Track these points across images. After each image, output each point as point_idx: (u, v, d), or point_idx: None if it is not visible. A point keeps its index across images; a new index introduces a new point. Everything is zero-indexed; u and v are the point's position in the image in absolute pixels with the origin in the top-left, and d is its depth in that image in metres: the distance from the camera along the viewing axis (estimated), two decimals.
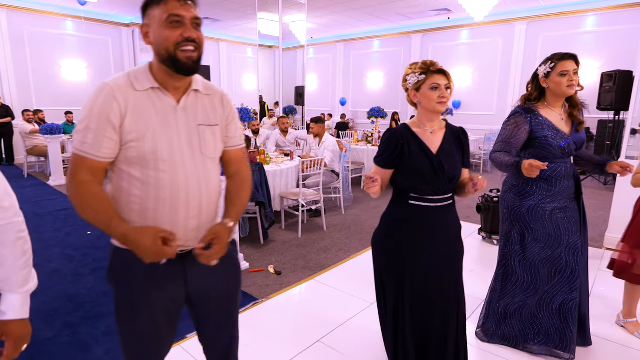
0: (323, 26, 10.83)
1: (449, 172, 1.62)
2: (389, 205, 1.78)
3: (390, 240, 1.73)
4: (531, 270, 2.13)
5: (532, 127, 1.99)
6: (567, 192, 2.05)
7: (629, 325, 2.45)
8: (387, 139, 1.68)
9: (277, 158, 5.03)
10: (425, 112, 1.65)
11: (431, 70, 1.59)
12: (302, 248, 3.89)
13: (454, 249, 1.73)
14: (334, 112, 12.62)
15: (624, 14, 7.61)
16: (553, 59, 1.97)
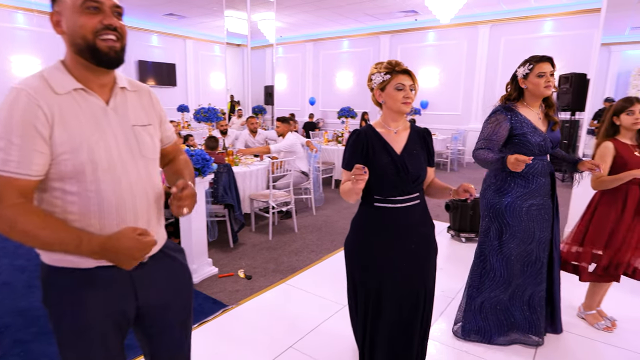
0: (292, 25, 10.76)
1: (413, 173, 1.61)
2: (358, 209, 1.77)
3: (360, 243, 1.71)
4: (507, 265, 2.19)
5: (512, 125, 2.06)
6: (543, 189, 2.14)
7: (589, 317, 2.55)
8: (353, 142, 1.65)
9: (247, 159, 4.93)
10: (389, 112, 1.64)
11: (396, 70, 1.58)
12: (273, 251, 3.82)
13: (424, 248, 1.72)
14: (303, 111, 12.57)
15: (578, 20, 8.00)
16: (531, 61, 2.05)
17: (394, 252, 1.66)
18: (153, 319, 1.22)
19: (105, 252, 0.99)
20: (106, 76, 1.07)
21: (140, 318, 1.19)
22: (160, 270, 1.20)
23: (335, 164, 6.45)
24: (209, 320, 2.58)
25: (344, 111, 7.13)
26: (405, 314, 1.69)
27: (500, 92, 6.99)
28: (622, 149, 2.26)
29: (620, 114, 2.27)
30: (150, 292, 1.17)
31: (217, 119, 4.98)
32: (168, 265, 1.23)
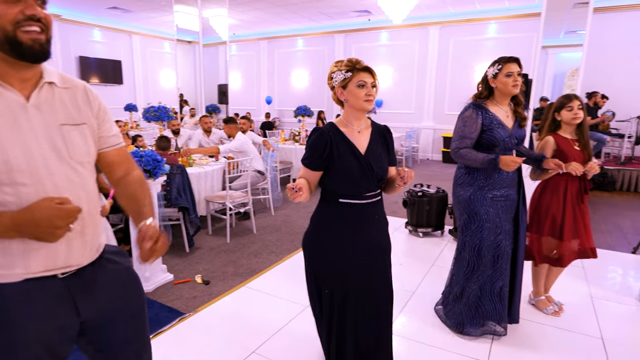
0: (246, 22, 10.55)
1: (377, 173, 1.61)
2: (317, 205, 1.74)
3: (321, 240, 1.69)
4: (478, 256, 2.27)
5: (483, 121, 2.16)
6: (507, 181, 2.23)
7: (538, 303, 2.70)
8: (315, 140, 1.62)
9: (201, 160, 4.75)
10: (352, 110, 1.62)
11: (357, 68, 1.57)
12: (231, 253, 3.71)
13: (384, 244, 1.74)
14: (259, 110, 12.38)
15: (520, 23, 8.48)
16: (500, 62, 2.17)
17: (358, 248, 1.65)
18: (101, 332, 1.12)
19: (21, 227, 0.90)
20: (29, 70, 0.97)
21: (86, 332, 1.09)
22: (101, 278, 1.11)
23: (293, 163, 6.40)
24: (165, 330, 2.44)
25: (301, 110, 7.09)
26: (371, 309, 1.70)
27: (451, 91, 7.29)
28: (562, 143, 2.41)
29: (560, 110, 2.42)
30: (93, 302, 1.08)
31: (168, 118, 4.76)
32: (110, 271, 1.14)
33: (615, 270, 3.40)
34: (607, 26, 7.70)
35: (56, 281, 0.99)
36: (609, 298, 2.87)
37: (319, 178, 1.65)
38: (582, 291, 2.95)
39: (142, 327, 1.24)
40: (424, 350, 2.27)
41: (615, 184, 6.70)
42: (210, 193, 4.35)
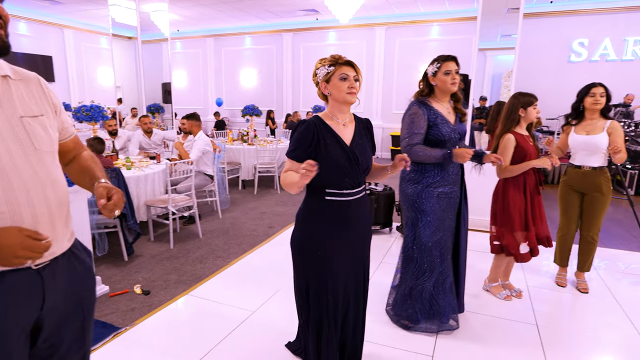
0: (190, 19, 10.16)
1: (363, 163, 1.66)
2: (303, 202, 1.72)
3: (309, 238, 1.68)
4: (426, 254, 2.30)
5: (428, 117, 2.21)
6: (452, 177, 2.28)
7: (492, 288, 2.85)
8: (302, 132, 1.62)
9: (141, 162, 4.48)
10: (336, 103, 1.65)
11: (339, 62, 1.61)
12: (174, 260, 3.52)
13: (368, 237, 1.82)
14: (207, 110, 11.99)
15: (459, 26, 8.88)
16: (439, 60, 2.22)
17: (345, 245, 1.68)
18: (57, 327, 1.08)
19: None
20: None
21: (42, 326, 1.05)
22: (67, 273, 1.10)
23: (242, 164, 6.23)
24: (98, 348, 2.24)
25: (248, 109, 6.93)
26: (357, 302, 1.78)
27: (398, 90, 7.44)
28: (521, 140, 2.53)
29: (527, 107, 2.52)
30: (57, 296, 1.06)
31: (102, 118, 4.44)
32: (75, 268, 1.13)
33: (548, 258, 3.62)
34: (537, 30, 8.26)
35: (30, 273, 1.00)
36: (544, 286, 3.04)
37: None
38: (519, 280, 3.10)
39: (89, 335, 1.21)
40: (370, 348, 2.26)
41: (547, 177, 7.20)
42: (152, 197, 4.11)
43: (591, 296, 2.89)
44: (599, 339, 2.39)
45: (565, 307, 2.81)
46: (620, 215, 4.94)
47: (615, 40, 7.96)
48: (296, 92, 10.83)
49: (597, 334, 2.43)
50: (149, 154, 4.91)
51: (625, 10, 7.78)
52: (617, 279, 3.19)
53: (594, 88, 2.70)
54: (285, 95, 10.90)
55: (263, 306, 2.69)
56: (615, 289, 3.00)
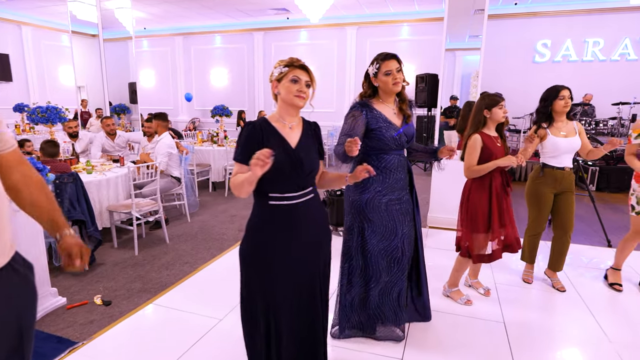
0: (157, 16, 9.87)
1: (307, 167, 1.61)
2: (251, 211, 1.66)
3: (256, 247, 1.61)
4: (372, 262, 2.21)
5: (368, 120, 2.09)
6: (400, 183, 2.19)
7: (453, 294, 2.81)
8: (247, 134, 1.58)
9: (103, 165, 4.29)
10: (284, 105, 1.61)
11: (294, 65, 1.58)
12: (139, 267, 3.38)
13: (324, 242, 1.74)
14: (177, 110, 11.70)
15: (429, 26, 9.00)
16: (378, 60, 2.11)
17: (295, 252, 1.61)
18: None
19: None
20: None
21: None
22: (4, 288, 1.03)
23: (212, 165, 6.09)
24: None
25: (218, 110, 6.79)
26: (308, 314, 1.68)
27: None
28: (487, 141, 2.49)
29: (492, 107, 2.48)
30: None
31: (60, 120, 4.21)
32: (12, 284, 1.05)
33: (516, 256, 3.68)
34: (503, 32, 8.48)
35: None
36: (511, 283, 3.09)
37: None
38: (487, 278, 3.14)
39: (28, 355, 1.14)
40: (337, 352, 2.23)
41: (515, 175, 7.40)
42: (115, 202, 3.94)
43: (556, 292, 2.96)
44: (564, 333, 2.44)
45: (532, 304, 2.86)
46: (582, 210, 5.11)
47: (575, 42, 8.27)
48: (268, 92, 10.67)
49: (562, 329, 2.49)
50: (113, 157, 4.71)
51: (584, 13, 8.09)
52: (580, 274, 3.28)
53: (563, 91, 2.70)
54: (257, 95, 10.77)
55: (230, 313, 2.61)
56: (578, 284, 3.08)
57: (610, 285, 3.00)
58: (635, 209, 2.80)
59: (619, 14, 7.89)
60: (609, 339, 2.37)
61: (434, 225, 4.49)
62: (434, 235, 4.25)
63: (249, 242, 1.63)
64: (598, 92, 7.89)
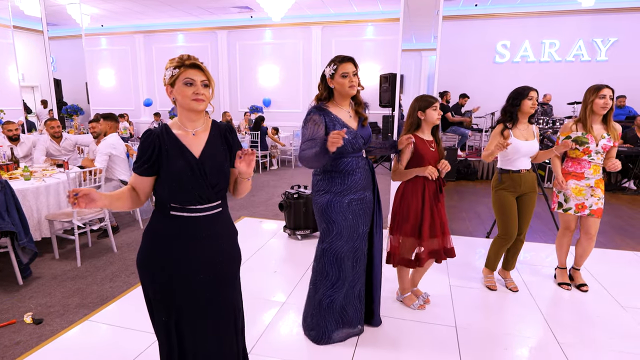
0: (114, 13, 9.46)
1: (212, 178, 1.46)
2: (150, 219, 1.53)
3: (154, 259, 1.48)
4: (337, 265, 2.18)
5: (326, 124, 2.07)
6: (360, 183, 2.18)
7: (405, 299, 2.75)
8: (143, 142, 1.45)
9: (44, 170, 4.01)
10: (183, 111, 1.46)
11: (185, 64, 1.42)
12: (80, 280, 3.15)
13: (227, 260, 1.58)
14: (138, 112, 11.29)
15: (393, 27, 9.03)
16: (335, 61, 2.09)
17: (194, 265, 1.48)
18: None
19: None
20: None
21: None
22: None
23: None
24: None
25: None
26: (212, 332, 1.55)
27: None
28: (419, 144, 2.41)
29: (426, 109, 2.39)
30: None
31: None
32: None
33: (472, 256, 3.70)
34: (465, 32, 8.61)
35: None
36: (465, 285, 3.08)
37: (151, 186, 1.49)
38: (443, 281, 3.11)
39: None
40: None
41: (477, 173, 7.53)
42: (57, 210, 3.68)
43: (509, 293, 2.96)
44: (513, 336, 2.43)
45: (485, 306, 2.84)
46: (538, 208, 5.22)
47: (533, 43, 8.50)
48: (233, 92, 10.50)
49: (512, 331, 2.47)
50: (57, 162, 4.43)
51: (540, 15, 8.33)
52: (533, 272, 3.31)
53: (532, 92, 2.67)
54: (222, 95, 10.52)
55: None
56: (531, 283, 3.10)
57: (558, 285, 3.03)
58: (562, 206, 2.88)
59: (573, 16, 8.18)
60: (557, 340, 2.37)
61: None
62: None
63: (145, 251, 1.50)
64: (555, 92, 8.14)
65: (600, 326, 2.52)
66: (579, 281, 3.01)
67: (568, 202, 2.85)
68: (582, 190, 2.80)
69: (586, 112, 2.73)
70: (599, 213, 2.80)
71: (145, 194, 1.49)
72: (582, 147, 2.75)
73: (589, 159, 2.77)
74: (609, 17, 8.03)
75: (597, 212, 2.80)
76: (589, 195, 2.80)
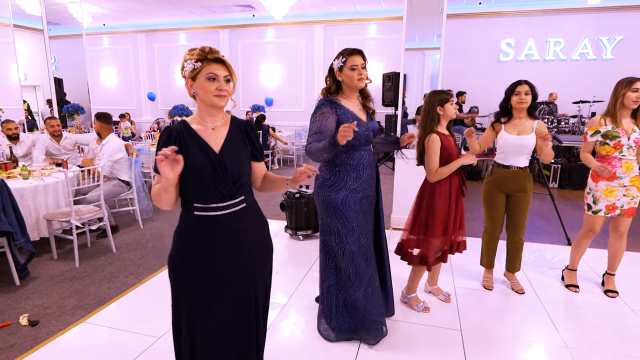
0: (116, 12, 9.43)
1: (233, 173, 1.42)
2: (179, 219, 1.50)
3: (182, 259, 1.45)
4: (353, 262, 2.14)
5: (338, 117, 2.03)
6: (370, 181, 2.16)
7: (410, 300, 2.69)
8: (163, 140, 1.42)
9: (44, 170, 3.97)
10: (203, 105, 1.43)
11: (208, 58, 1.38)
12: (78, 281, 3.10)
13: (258, 255, 1.55)
14: (140, 111, 11.26)
15: (396, 25, 8.95)
16: (344, 54, 2.07)
17: (224, 265, 1.45)
18: None
19: None
20: None
21: None
22: None
23: None
24: None
25: (177, 109, 6.52)
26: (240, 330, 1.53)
27: None
28: (444, 140, 2.38)
29: (445, 104, 2.37)
30: None
31: None
32: None
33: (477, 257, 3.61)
34: (469, 31, 8.53)
35: None
36: (470, 286, 3.01)
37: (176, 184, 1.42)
38: (447, 283, 3.04)
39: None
40: None
41: (481, 172, 7.44)
42: (56, 209, 3.64)
43: (515, 295, 2.89)
44: (520, 339, 2.36)
45: (491, 309, 2.77)
46: (544, 208, 5.14)
47: (538, 41, 8.41)
48: (235, 91, 10.44)
49: (519, 335, 2.40)
50: (56, 161, 4.39)
51: (545, 13, 8.24)
52: (540, 273, 3.23)
53: (519, 86, 2.63)
54: None
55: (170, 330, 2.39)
56: (538, 285, 3.02)
57: (566, 287, 2.95)
58: (591, 208, 2.76)
59: (578, 14, 8.08)
60: (566, 344, 2.30)
61: (398, 227, 4.38)
62: (395, 237, 4.13)
63: (175, 254, 1.47)
64: (559, 91, 8.04)
65: (610, 330, 2.45)
66: (610, 287, 2.88)
67: (597, 203, 2.73)
68: (614, 191, 2.68)
69: (616, 106, 2.63)
70: (630, 212, 2.69)
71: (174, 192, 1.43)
72: (613, 141, 2.63)
73: (619, 155, 2.64)
74: (615, 15, 7.92)
75: (629, 212, 2.69)
76: (621, 195, 2.67)
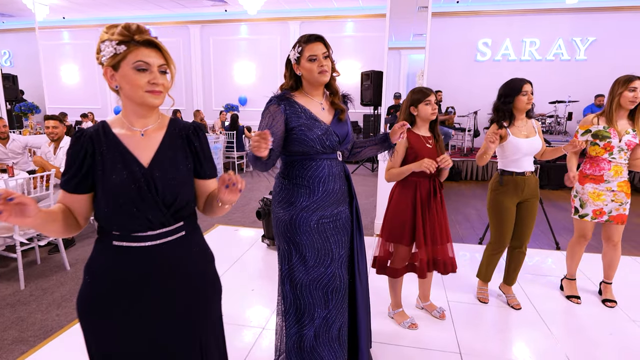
0: (78, 4, 8.82)
1: (165, 194, 1.07)
2: (93, 249, 1.13)
3: (94, 305, 1.10)
4: (302, 294, 1.72)
5: (287, 116, 1.62)
6: (333, 196, 1.70)
7: (396, 316, 2.47)
8: (70, 148, 1.06)
9: None
10: (130, 104, 1.08)
11: (135, 40, 1.03)
12: (21, 307, 2.69)
13: (202, 297, 1.19)
14: (106, 110, 10.63)
15: (373, 23, 8.78)
16: (300, 42, 1.64)
17: (147, 313, 1.10)
18: None
19: None
20: None
21: None
22: None
23: None
24: None
25: None
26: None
27: None
28: (414, 141, 2.17)
29: (418, 104, 2.17)
30: None
31: None
32: None
33: (468, 265, 3.43)
34: (446, 30, 8.44)
35: None
36: (464, 300, 2.79)
37: (87, 206, 1.09)
38: (440, 296, 2.82)
39: None
40: None
41: (461, 174, 7.34)
42: None
43: (512, 310, 2.68)
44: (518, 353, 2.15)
45: (487, 325, 2.56)
46: None
47: (514, 41, 8.41)
48: (207, 89, 10.01)
49: (520, 354, 2.19)
50: (1, 166, 3.90)
51: (521, 13, 8.25)
52: (533, 282, 3.05)
53: (526, 85, 2.39)
54: (195, 92, 10.02)
55: None
56: (534, 296, 2.83)
57: (567, 298, 2.78)
58: (578, 212, 2.62)
59: (553, 15, 8.12)
60: None
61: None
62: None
63: (84, 292, 1.12)
64: (535, 91, 8.04)
65: (614, 344, 2.27)
66: (608, 296, 2.72)
67: (584, 207, 2.58)
68: (602, 195, 2.52)
69: (612, 105, 2.47)
70: (618, 219, 2.53)
71: (83, 217, 1.10)
72: (603, 142, 2.47)
73: (609, 157, 2.48)
74: (588, 17, 8.01)
75: (617, 219, 2.53)
76: (609, 200, 2.52)
